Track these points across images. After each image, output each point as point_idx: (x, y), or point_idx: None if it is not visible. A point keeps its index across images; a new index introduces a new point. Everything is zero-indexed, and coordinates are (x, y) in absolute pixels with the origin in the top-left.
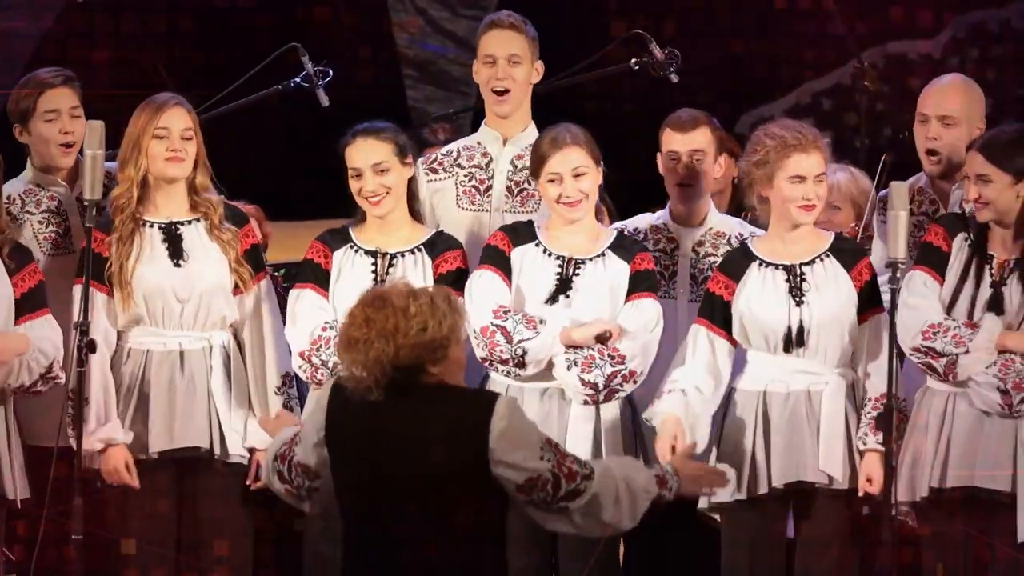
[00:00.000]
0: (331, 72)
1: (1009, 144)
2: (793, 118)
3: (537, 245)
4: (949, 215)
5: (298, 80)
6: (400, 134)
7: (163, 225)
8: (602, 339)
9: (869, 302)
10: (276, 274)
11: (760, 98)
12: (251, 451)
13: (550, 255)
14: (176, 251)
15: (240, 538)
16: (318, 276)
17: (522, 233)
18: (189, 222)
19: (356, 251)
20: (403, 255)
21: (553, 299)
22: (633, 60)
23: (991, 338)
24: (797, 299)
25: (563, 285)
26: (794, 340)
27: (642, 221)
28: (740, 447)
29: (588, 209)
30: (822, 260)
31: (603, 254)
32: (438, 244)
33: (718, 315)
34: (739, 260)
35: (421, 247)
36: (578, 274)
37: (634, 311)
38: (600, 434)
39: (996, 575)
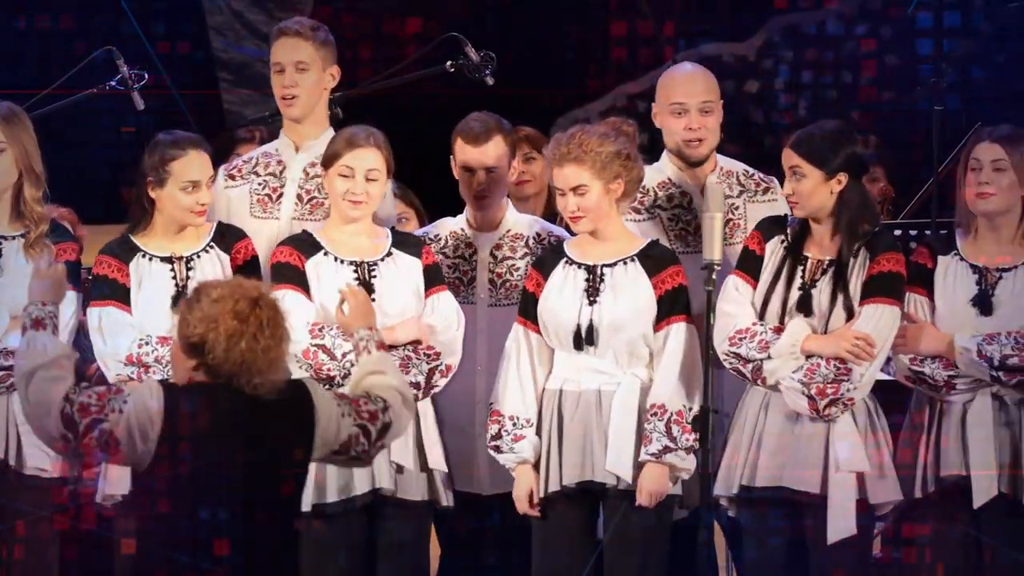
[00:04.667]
0: (146, 76)
1: (821, 140)
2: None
3: (326, 254)
4: (768, 218)
5: (113, 83)
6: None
7: None
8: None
9: (667, 311)
10: (90, 277)
11: (576, 100)
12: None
13: (342, 262)
14: None
15: (42, 549)
16: (117, 291)
17: (307, 244)
18: (13, 237)
19: (150, 259)
20: (198, 255)
21: None
22: (448, 62)
23: (794, 342)
24: (591, 298)
25: (366, 290)
26: (584, 338)
27: (443, 227)
28: (538, 445)
29: (368, 213)
30: (626, 263)
31: (391, 253)
32: (227, 236)
33: (532, 311)
34: (550, 258)
35: (212, 244)
36: (375, 276)
37: (438, 307)
38: (422, 431)
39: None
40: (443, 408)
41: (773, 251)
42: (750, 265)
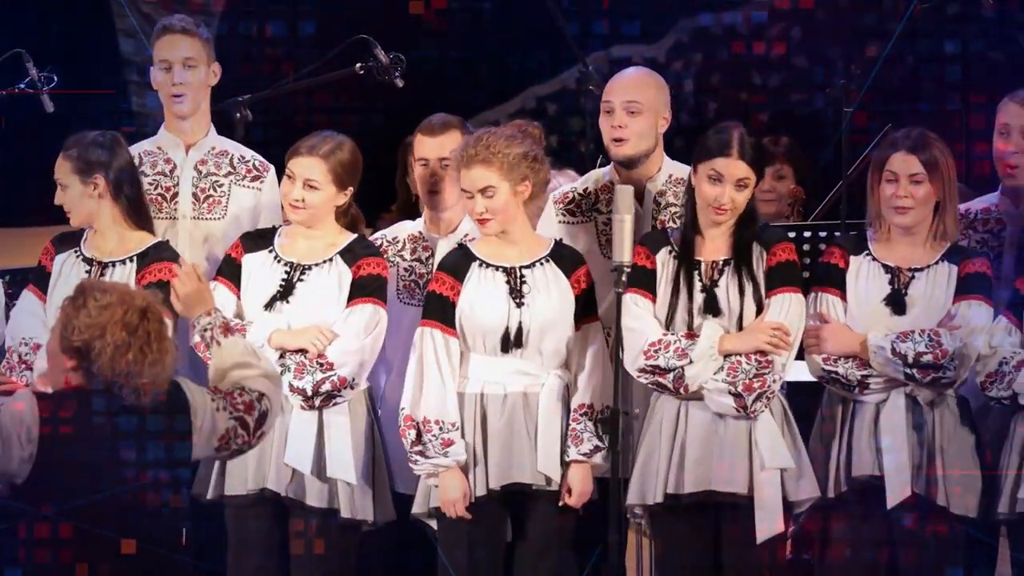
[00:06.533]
0: (56, 78)
1: (759, 146)
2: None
3: (270, 252)
4: (649, 233)
5: (23, 85)
6: (91, 150)
7: None
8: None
9: (584, 310)
10: (2, 279)
11: (486, 102)
12: None
13: (280, 261)
14: None
15: None
16: (39, 279)
17: (258, 240)
18: None
19: (78, 257)
20: (115, 265)
21: (270, 305)
22: (358, 64)
23: (712, 344)
24: (517, 301)
25: (284, 291)
26: (512, 341)
27: (402, 230)
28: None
29: (310, 218)
30: (542, 264)
31: (331, 259)
32: (150, 255)
33: (449, 316)
34: (460, 261)
35: (134, 257)
36: (303, 280)
37: (348, 317)
38: (324, 435)
39: None
40: (394, 413)
41: (664, 263)
42: (644, 281)
